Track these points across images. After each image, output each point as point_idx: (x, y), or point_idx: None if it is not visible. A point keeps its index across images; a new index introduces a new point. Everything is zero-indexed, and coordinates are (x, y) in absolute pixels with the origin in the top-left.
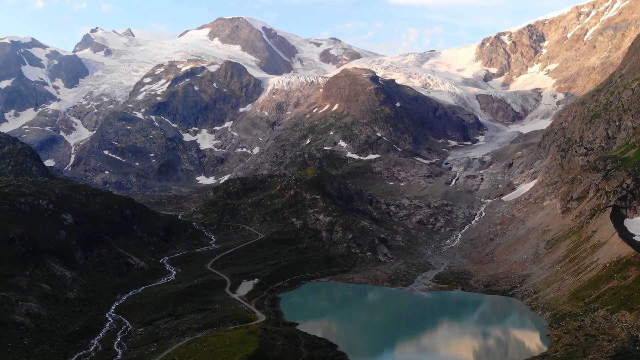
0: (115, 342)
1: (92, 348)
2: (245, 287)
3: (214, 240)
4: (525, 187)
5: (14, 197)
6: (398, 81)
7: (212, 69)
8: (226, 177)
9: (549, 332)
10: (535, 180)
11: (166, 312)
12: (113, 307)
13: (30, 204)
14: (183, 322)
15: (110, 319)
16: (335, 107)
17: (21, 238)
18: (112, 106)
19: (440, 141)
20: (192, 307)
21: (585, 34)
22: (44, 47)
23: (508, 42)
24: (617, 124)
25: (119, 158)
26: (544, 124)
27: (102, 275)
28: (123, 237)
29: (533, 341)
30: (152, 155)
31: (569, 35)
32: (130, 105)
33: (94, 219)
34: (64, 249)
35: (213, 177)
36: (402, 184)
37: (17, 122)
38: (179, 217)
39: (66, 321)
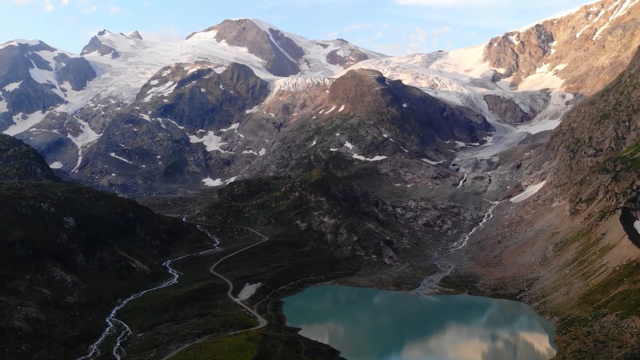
0: (115, 348)
1: (91, 354)
2: (248, 290)
3: (218, 243)
4: (533, 189)
5: (15, 200)
6: (405, 82)
7: (219, 70)
8: (232, 179)
9: (557, 337)
10: (544, 182)
11: (167, 316)
12: (113, 312)
13: (32, 207)
14: (183, 327)
15: (110, 324)
16: (342, 108)
17: (22, 241)
18: (119, 108)
19: (448, 142)
20: (193, 311)
21: (594, 33)
22: (52, 49)
23: (516, 42)
24: (627, 124)
25: (125, 160)
26: (553, 125)
27: (103, 279)
28: (125, 240)
29: (542, 344)
30: (158, 157)
31: (577, 35)
32: (137, 108)
33: (96, 222)
34: (65, 253)
35: (219, 179)
36: (409, 186)
37: (24, 125)
38: (183, 219)
39: (65, 326)
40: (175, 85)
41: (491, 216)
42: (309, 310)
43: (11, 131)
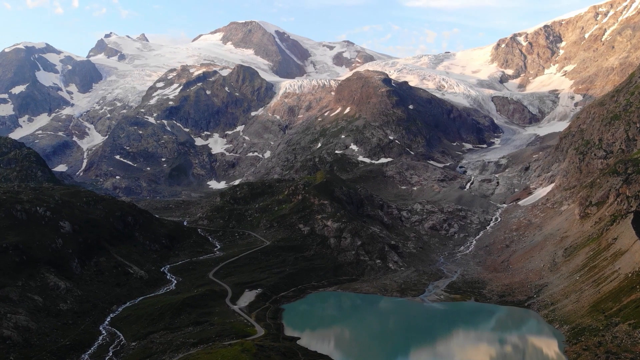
0: (107, 357)
1: None
2: (247, 297)
3: (219, 247)
4: (542, 192)
5: (10, 204)
6: (412, 83)
7: (224, 73)
8: (237, 182)
9: (567, 347)
10: (553, 184)
11: (162, 324)
12: (108, 319)
13: (27, 211)
14: (178, 336)
15: (104, 332)
16: (347, 110)
17: (15, 247)
18: (124, 111)
19: (455, 144)
20: (189, 319)
21: (604, 34)
22: (58, 52)
23: (524, 43)
24: (638, 125)
25: (130, 163)
26: (562, 126)
27: (99, 285)
28: (124, 245)
29: (551, 349)
30: (163, 159)
31: (586, 35)
32: (142, 110)
33: (93, 226)
34: (59, 258)
35: (224, 182)
36: (415, 188)
37: (30, 128)
38: (185, 223)
39: (57, 335)
40: (181, 87)
41: (499, 220)
42: (309, 317)
43: (17, 134)
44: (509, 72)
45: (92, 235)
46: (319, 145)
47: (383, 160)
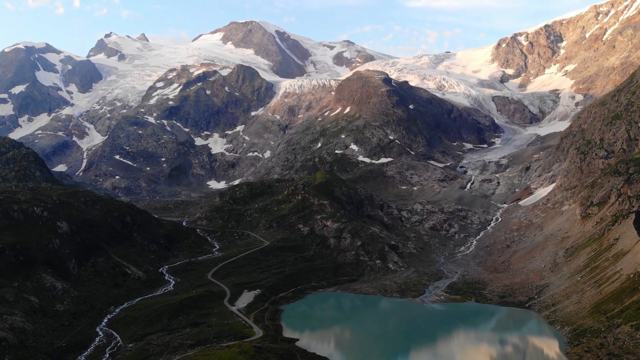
0: (104, 359)
1: None
2: (246, 298)
3: (218, 247)
4: (543, 192)
5: (7, 204)
6: (412, 83)
7: (224, 72)
8: (237, 182)
9: (569, 349)
10: (554, 184)
11: (160, 326)
12: (105, 320)
13: (24, 212)
14: (176, 337)
15: (100, 333)
16: (347, 110)
17: (12, 247)
18: (124, 111)
19: (455, 144)
20: (187, 320)
21: (604, 33)
22: (58, 52)
23: (525, 43)
24: (639, 125)
25: (130, 163)
26: (563, 126)
27: (97, 286)
28: (122, 245)
29: (552, 350)
30: (163, 159)
31: (587, 35)
32: (142, 110)
33: (91, 226)
34: (57, 259)
35: (224, 182)
36: (415, 189)
37: (30, 127)
38: (184, 223)
39: (53, 336)
40: (181, 87)
41: (499, 220)
42: (309, 318)
43: (17, 134)
44: (510, 71)
45: (89, 235)
46: (319, 145)
47: (383, 160)
